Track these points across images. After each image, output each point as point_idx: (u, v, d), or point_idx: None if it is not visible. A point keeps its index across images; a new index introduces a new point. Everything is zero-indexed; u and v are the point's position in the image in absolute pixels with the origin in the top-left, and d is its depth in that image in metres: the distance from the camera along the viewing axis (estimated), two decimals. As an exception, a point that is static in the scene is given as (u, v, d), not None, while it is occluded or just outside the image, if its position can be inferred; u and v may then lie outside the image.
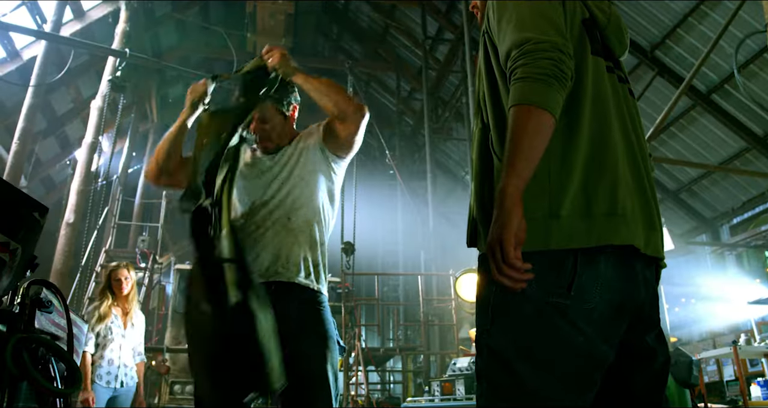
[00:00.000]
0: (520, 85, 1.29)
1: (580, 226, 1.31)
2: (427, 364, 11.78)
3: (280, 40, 14.01)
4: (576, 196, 1.32)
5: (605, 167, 1.35)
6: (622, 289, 1.34)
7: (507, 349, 1.30)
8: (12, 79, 10.56)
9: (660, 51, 10.36)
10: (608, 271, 1.31)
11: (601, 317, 1.30)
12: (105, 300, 4.70)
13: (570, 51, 1.34)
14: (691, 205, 12.73)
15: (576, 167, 1.34)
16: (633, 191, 1.38)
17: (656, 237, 1.42)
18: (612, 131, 1.40)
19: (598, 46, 1.49)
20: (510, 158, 1.26)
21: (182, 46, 15.63)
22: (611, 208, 1.33)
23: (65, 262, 9.48)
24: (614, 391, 1.40)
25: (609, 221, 1.32)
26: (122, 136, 15.51)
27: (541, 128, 1.26)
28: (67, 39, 10.23)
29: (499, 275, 1.23)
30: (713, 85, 10.14)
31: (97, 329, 4.58)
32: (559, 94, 1.29)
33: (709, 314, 11.48)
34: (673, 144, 11.59)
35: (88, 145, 10.35)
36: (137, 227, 13.99)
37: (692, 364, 5.57)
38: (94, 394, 4.41)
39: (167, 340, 8.48)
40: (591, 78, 1.42)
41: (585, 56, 1.44)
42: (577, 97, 1.39)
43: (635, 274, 1.37)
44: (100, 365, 4.51)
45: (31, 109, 9.38)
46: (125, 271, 4.80)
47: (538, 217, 1.32)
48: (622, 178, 1.36)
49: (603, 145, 1.37)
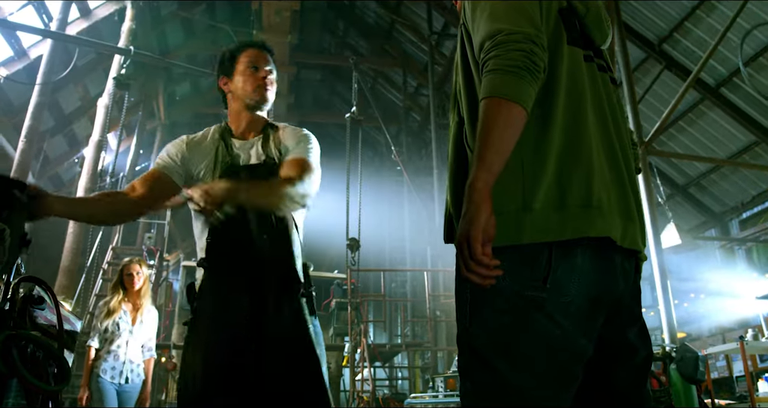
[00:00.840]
0: (491, 77, 1.27)
1: (554, 219, 1.29)
2: (434, 360, 11.78)
3: (286, 36, 14.00)
4: (550, 189, 1.30)
5: (580, 159, 1.33)
6: (599, 282, 1.31)
7: (486, 346, 1.29)
8: (20, 78, 10.62)
9: (667, 44, 10.27)
10: (585, 263, 1.29)
11: (579, 310, 1.28)
12: (116, 295, 4.70)
13: (543, 42, 1.32)
14: (699, 199, 12.64)
15: (550, 159, 1.32)
16: (610, 182, 1.36)
17: (634, 229, 1.40)
18: (587, 122, 1.38)
19: (576, 35, 1.47)
20: (480, 152, 1.24)
21: (189, 44, 15.66)
22: (586, 199, 1.30)
23: (73, 260, 9.55)
24: (596, 385, 1.38)
25: (584, 213, 1.30)
26: (130, 134, 15.58)
27: (511, 121, 1.24)
28: (72, 37, 10.26)
29: (467, 272, 1.22)
30: (722, 78, 10.05)
31: (105, 324, 4.57)
32: (531, 86, 1.26)
33: (718, 309, 11.40)
34: (681, 138, 11.50)
35: (95, 143, 10.40)
36: (145, 224, 14.03)
37: (698, 359, 5.52)
38: (101, 388, 4.39)
39: (174, 336, 8.52)
40: (566, 69, 1.40)
41: (560, 47, 1.42)
42: (551, 88, 1.37)
43: (613, 266, 1.35)
44: (105, 360, 4.49)
45: (37, 108, 9.43)
46: (137, 266, 4.80)
47: (511, 211, 1.30)
48: (598, 169, 1.34)
49: (577, 137, 1.35)
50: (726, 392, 9.27)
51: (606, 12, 1.57)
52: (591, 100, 1.42)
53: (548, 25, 1.41)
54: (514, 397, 1.25)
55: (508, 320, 1.27)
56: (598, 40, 1.53)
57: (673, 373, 5.66)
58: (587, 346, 1.30)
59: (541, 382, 1.25)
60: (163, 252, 10.70)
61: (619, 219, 1.35)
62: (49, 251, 12.49)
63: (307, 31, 15.77)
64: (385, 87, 18.88)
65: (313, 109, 19.14)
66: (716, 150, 11.22)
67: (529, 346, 1.26)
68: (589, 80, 1.44)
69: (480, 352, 1.30)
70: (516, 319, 1.27)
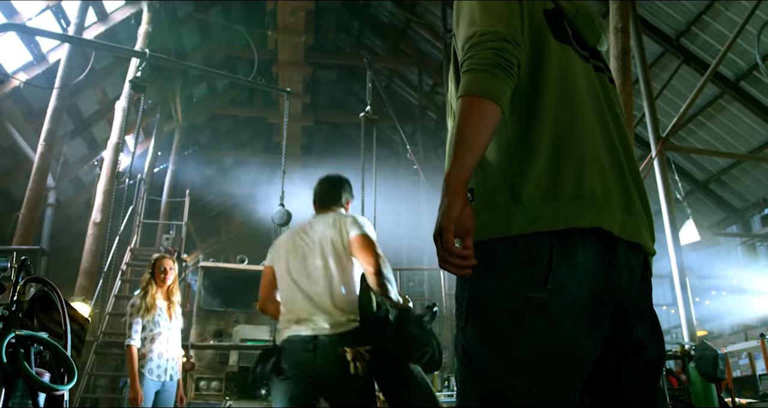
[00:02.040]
0: (465, 76, 1.31)
1: (545, 210, 1.29)
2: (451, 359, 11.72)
3: (301, 37, 14.05)
4: (540, 180, 1.31)
5: (572, 150, 1.33)
6: (602, 278, 1.29)
7: (482, 349, 1.28)
8: (39, 82, 10.76)
9: (685, 39, 10.13)
10: (587, 259, 1.27)
11: (582, 309, 1.26)
12: (149, 290, 4.62)
13: (517, 39, 1.35)
14: (720, 195, 12.47)
15: (540, 151, 1.32)
16: (607, 174, 1.35)
17: (635, 222, 1.38)
18: (581, 114, 1.38)
19: (565, 34, 1.49)
20: (454, 148, 1.27)
21: (205, 46, 15.77)
22: (577, 190, 1.30)
23: (93, 261, 9.66)
24: (604, 385, 1.36)
25: (575, 203, 1.29)
26: (148, 136, 15.73)
27: (483, 117, 1.27)
28: (89, 41, 10.38)
29: (443, 264, 1.22)
30: (741, 72, 9.90)
31: (144, 322, 4.51)
32: (505, 82, 1.29)
33: (740, 307, 11.23)
34: (701, 134, 11.34)
35: (114, 146, 10.52)
36: (164, 226, 14.16)
37: (718, 358, 5.44)
38: (144, 387, 4.34)
39: (192, 336, 8.55)
40: (555, 63, 1.41)
41: (547, 43, 1.43)
42: (539, 82, 1.39)
43: (616, 260, 1.32)
44: (151, 359, 4.44)
45: (56, 111, 9.55)
46: (170, 261, 4.75)
47: (501, 203, 1.31)
48: (593, 160, 1.34)
49: (570, 128, 1.36)
50: (749, 391, 9.13)
51: (597, 13, 1.59)
52: (586, 94, 1.42)
53: (533, 24, 1.44)
54: (515, 400, 1.23)
55: (508, 322, 1.26)
56: (591, 39, 1.55)
57: (692, 372, 5.59)
58: (593, 346, 1.28)
59: (542, 384, 1.23)
60: (182, 253, 10.77)
61: (617, 211, 1.33)
62: (70, 253, 12.66)
63: (322, 31, 15.81)
64: (400, 86, 18.86)
65: (328, 108, 19.18)
66: (736, 145, 11.05)
67: (528, 349, 1.24)
68: (584, 75, 1.45)
69: (476, 355, 1.29)
70: (516, 321, 1.25)
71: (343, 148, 19.12)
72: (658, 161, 7.27)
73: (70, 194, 14.66)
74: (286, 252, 3.14)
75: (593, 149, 1.35)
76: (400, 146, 15.32)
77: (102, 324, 8.74)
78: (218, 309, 9.10)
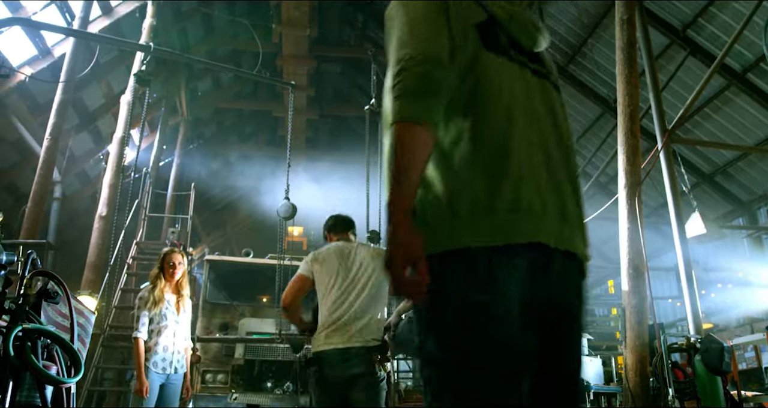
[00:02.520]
0: (396, 102, 1.33)
1: (483, 224, 1.33)
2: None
3: (305, 30, 14.02)
4: (477, 195, 1.34)
5: (508, 164, 1.36)
6: (538, 287, 1.35)
7: (440, 354, 1.33)
8: (44, 76, 10.77)
9: (692, 30, 10.06)
10: (523, 267, 1.32)
11: (521, 312, 1.31)
12: (158, 283, 4.66)
13: (443, 59, 1.37)
14: (726, 188, 12.41)
15: (476, 166, 1.36)
16: (543, 186, 1.39)
17: (571, 232, 1.43)
18: (516, 127, 1.40)
19: (498, 44, 1.48)
20: (391, 174, 1.30)
21: (209, 40, 15.76)
22: (514, 204, 1.34)
23: (99, 255, 9.70)
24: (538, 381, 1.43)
25: (512, 217, 1.34)
26: (153, 130, 15.75)
27: (416, 143, 1.30)
28: (94, 35, 10.39)
29: (396, 291, 1.27)
30: (748, 63, 9.82)
31: (151, 315, 4.54)
32: (434, 105, 1.33)
33: (746, 300, 11.20)
34: (707, 126, 11.28)
35: (119, 140, 10.54)
36: (169, 219, 14.19)
37: (723, 350, 5.43)
38: (148, 380, 4.39)
39: (198, 330, 8.60)
40: (489, 77, 1.43)
41: (480, 56, 1.45)
42: (474, 97, 1.41)
43: (551, 269, 1.38)
44: (156, 352, 4.48)
45: (61, 105, 9.57)
46: (179, 255, 4.78)
47: (441, 220, 1.35)
48: (529, 173, 1.37)
49: (505, 142, 1.38)
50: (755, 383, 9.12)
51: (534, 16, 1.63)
52: (522, 104, 1.44)
53: (467, 37, 1.45)
54: (470, 399, 1.28)
55: (456, 325, 1.31)
56: (527, 44, 1.54)
57: (698, 365, 5.58)
58: (532, 343, 1.34)
59: (495, 383, 1.28)
60: (187, 246, 10.80)
61: (553, 222, 1.39)
62: (76, 247, 12.70)
63: (326, 25, 15.76)
64: (405, 79, 18.78)
65: (333, 101, 19.14)
66: (743, 137, 10.98)
67: (480, 351, 1.29)
68: (520, 84, 1.46)
69: (436, 361, 1.34)
70: (463, 324, 1.31)
71: (348, 141, 19.11)
72: (664, 153, 7.25)
73: (76, 188, 14.70)
74: (335, 272, 3.68)
75: (528, 162, 1.38)
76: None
77: (108, 317, 8.78)
78: (224, 302, 9.13)
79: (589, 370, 5.83)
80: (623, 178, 6.51)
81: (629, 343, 5.97)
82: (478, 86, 1.42)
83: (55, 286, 1.98)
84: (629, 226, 6.31)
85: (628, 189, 6.42)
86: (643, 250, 6.21)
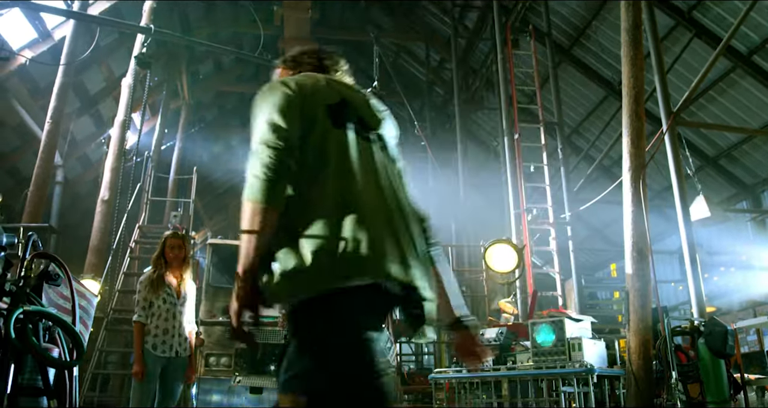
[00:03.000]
0: (250, 181, 1.65)
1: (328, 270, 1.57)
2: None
3: (307, 12, 13.88)
4: (322, 248, 1.58)
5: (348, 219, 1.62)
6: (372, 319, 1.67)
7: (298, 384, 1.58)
8: (45, 59, 10.70)
9: (698, 12, 9.95)
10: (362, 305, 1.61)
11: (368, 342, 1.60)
12: (158, 268, 4.65)
13: (289, 143, 1.66)
14: (730, 171, 12.35)
15: (320, 223, 1.61)
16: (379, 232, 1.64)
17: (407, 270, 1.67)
18: (357, 185, 1.69)
19: (348, 120, 1.81)
20: (243, 243, 1.62)
21: (210, 22, 15.63)
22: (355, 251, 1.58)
23: (102, 239, 9.70)
24: None
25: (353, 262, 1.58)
26: (154, 114, 15.68)
27: (258, 218, 1.61)
28: (93, 17, 10.29)
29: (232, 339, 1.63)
30: (754, 45, 9.73)
31: (151, 298, 4.55)
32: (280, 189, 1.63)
33: (749, 283, 11.19)
34: (712, 108, 11.20)
35: (120, 123, 10.49)
36: (172, 203, 14.18)
37: (727, 333, 5.43)
38: (148, 362, 4.41)
39: (201, 313, 8.60)
40: (334, 147, 1.73)
41: (328, 132, 1.75)
42: (322, 163, 1.71)
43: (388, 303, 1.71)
44: (156, 335, 4.50)
45: (62, 88, 9.51)
46: (180, 240, 4.76)
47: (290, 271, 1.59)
48: (368, 224, 1.63)
49: (347, 200, 1.66)
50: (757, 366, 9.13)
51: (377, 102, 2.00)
52: (362, 167, 1.74)
53: (315, 120, 1.76)
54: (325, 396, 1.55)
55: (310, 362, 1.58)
56: (373, 124, 1.90)
57: (701, 348, 5.58)
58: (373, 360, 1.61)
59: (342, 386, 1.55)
60: (190, 230, 10.80)
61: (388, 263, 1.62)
62: (79, 231, 12.71)
63: (328, 6, 15.62)
64: (407, 61, 18.68)
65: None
66: (748, 120, 10.91)
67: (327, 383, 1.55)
68: (362, 154, 1.77)
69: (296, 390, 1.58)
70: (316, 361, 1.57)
71: (350, 125, 19.02)
72: (668, 136, 7.19)
73: (78, 172, 14.68)
74: None
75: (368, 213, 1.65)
76: (408, 122, 15.22)
77: (112, 301, 8.80)
78: (227, 286, 9.12)
79: (592, 353, 5.83)
80: (627, 161, 6.46)
81: (632, 326, 5.96)
82: (324, 154, 1.72)
83: (56, 268, 1.96)
84: (633, 209, 6.28)
85: (633, 172, 6.37)
86: (647, 234, 6.18)
